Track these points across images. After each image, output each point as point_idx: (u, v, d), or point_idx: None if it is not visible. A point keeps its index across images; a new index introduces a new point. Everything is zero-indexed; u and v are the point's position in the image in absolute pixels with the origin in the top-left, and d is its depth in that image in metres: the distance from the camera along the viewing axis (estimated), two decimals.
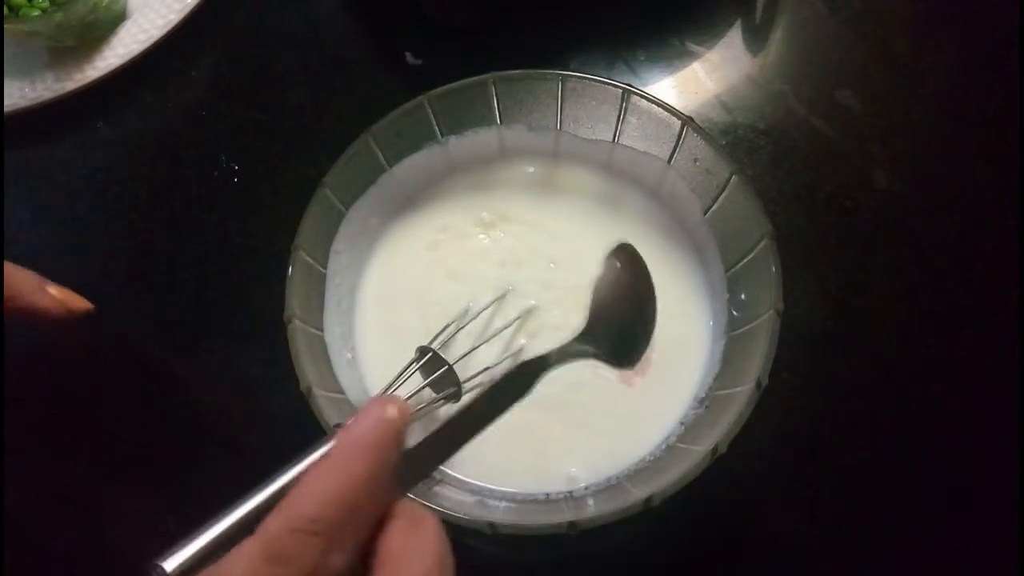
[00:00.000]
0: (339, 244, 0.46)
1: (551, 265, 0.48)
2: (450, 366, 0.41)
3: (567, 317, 0.47)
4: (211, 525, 0.29)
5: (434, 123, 0.47)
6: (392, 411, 0.26)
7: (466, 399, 0.44)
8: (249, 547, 0.23)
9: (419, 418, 0.41)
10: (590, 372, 0.46)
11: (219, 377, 0.51)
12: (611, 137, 0.48)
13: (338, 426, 0.34)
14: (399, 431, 0.26)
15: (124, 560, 0.47)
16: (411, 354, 0.42)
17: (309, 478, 0.24)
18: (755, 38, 0.60)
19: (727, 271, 0.45)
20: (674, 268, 0.48)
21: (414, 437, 0.44)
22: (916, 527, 0.46)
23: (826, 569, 0.46)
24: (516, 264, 0.48)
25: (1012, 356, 0.49)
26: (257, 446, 0.49)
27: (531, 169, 0.51)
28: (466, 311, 0.46)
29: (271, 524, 0.23)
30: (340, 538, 0.23)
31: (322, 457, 0.31)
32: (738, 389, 0.40)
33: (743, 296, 0.44)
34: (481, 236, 0.49)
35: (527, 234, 0.49)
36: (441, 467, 0.44)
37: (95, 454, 0.50)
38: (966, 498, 0.46)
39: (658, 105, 0.45)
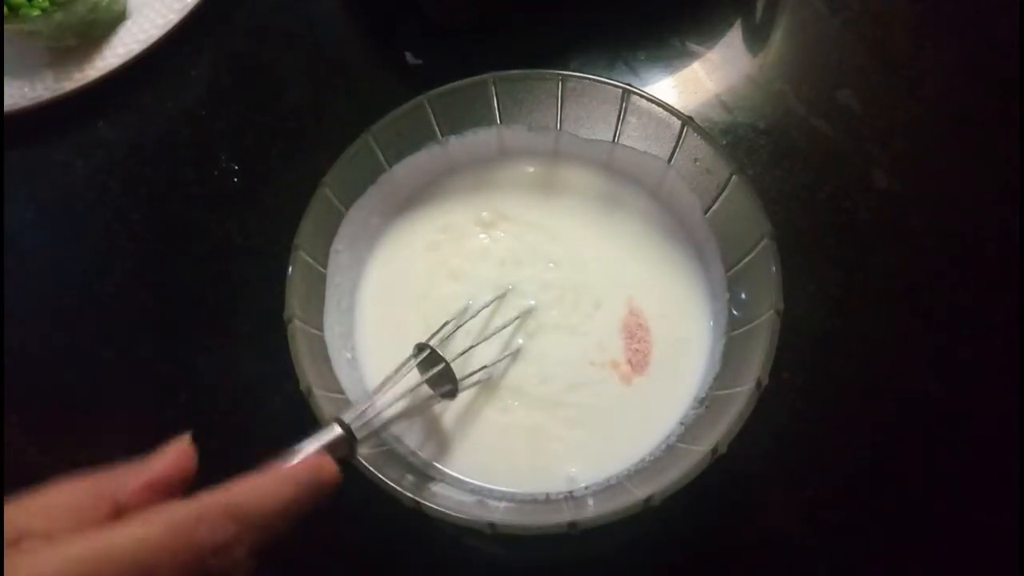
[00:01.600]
0: (339, 244, 0.46)
1: (551, 265, 0.48)
2: (448, 363, 0.41)
3: (566, 317, 0.47)
4: None
5: (434, 123, 0.47)
6: (335, 473, 0.31)
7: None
8: (184, 512, 0.26)
9: (415, 414, 0.41)
10: (590, 372, 0.46)
11: (219, 377, 0.51)
12: (611, 137, 0.48)
13: (338, 420, 0.34)
14: (329, 488, 0.31)
15: None
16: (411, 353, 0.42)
17: (257, 480, 0.28)
18: (755, 38, 0.60)
19: (727, 271, 0.45)
20: (674, 268, 0.48)
21: (412, 434, 0.44)
22: (916, 527, 0.46)
23: (826, 569, 0.46)
24: (516, 264, 0.48)
25: (1012, 356, 0.49)
26: (257, 446, 0.49)
27: (531, 169, 0.51)
28: (465, 309, 0.46)
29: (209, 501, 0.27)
30: (246, 539, 0.27)
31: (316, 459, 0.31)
32: (738, 389, 0.40)
33: (743, 296, 0.44)
34: (481, 236, 0.49)
35: (527, 234, 0.49)
36: (440, 466, 0.44)
37: (94, 454, 0.50)
38: (966, 498, 0.46)
39: (658, 105, 0.45)
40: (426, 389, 0.42)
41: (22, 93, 0.58)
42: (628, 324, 0.47)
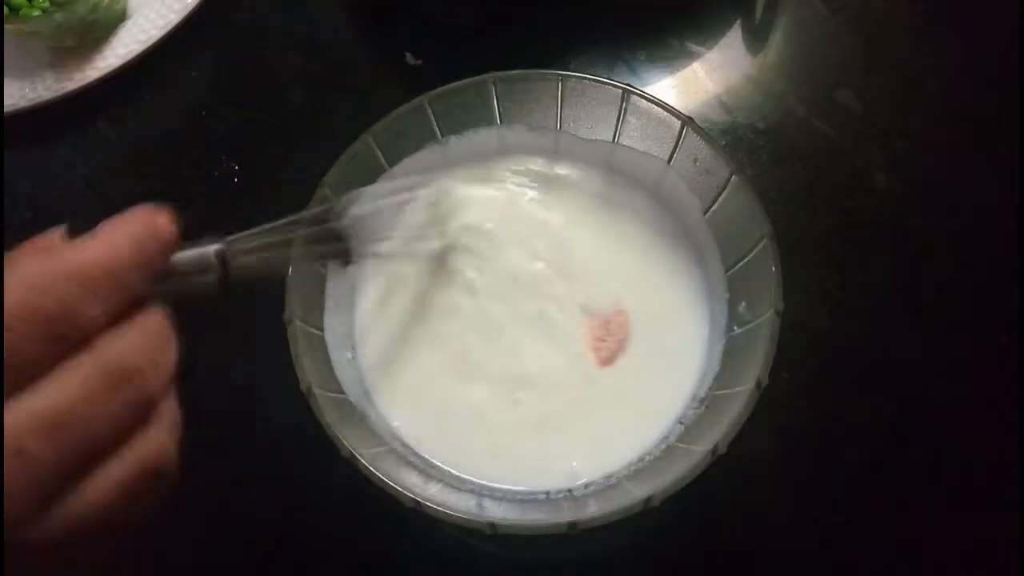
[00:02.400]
0: None
1: (549, 263, 0.48)
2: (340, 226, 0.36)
3: (565, 314, 0.47)
4: None
5: (434, 123, 0.47)
6: (163, 223, 0.30)
7: None
8: (12, 280, 0.24)
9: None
10: (587, 369, 0.46)
11: (219, 377, 0.51)
12: (611, 137, 0.48)
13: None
14: (166, 241, 0.30)
15: (123, 558, 0.47)
16: (412, 355, 0.41)
17: (87, 243, 0.27)
18: (755, 38, 0.60)
19: (727, 271, 0.45)
20: (674, 267, 0.48)
21: (412, 434, 0.44)
22: (916, 527, 0.46)
23: (826, 569, 0.46)
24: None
25: (1012, 356, 0.49)
26: (257, 446, 0.49)
27: (531, 169, 0.51)
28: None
29: (34, 265, 0.25)
30: (96, 295, 0.26)
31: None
32: (738, 389, 0.40)
33: (743, 296, 0.44)
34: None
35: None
36: (440, 465, 0.44)
37: None
38: (966, 498, 0.46)
39: (658, 105, 0.45)
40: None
41: (22, 93, 0.58)
42: (626, 323, 0.47)
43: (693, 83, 0.58)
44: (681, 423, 0.44)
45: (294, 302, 0.42)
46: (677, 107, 0.45)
